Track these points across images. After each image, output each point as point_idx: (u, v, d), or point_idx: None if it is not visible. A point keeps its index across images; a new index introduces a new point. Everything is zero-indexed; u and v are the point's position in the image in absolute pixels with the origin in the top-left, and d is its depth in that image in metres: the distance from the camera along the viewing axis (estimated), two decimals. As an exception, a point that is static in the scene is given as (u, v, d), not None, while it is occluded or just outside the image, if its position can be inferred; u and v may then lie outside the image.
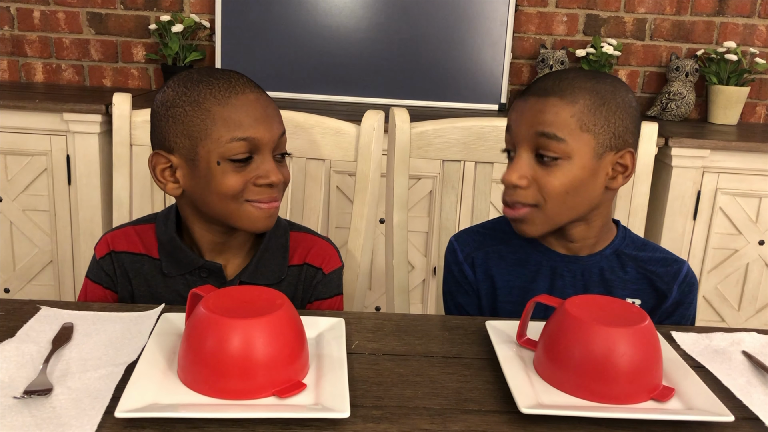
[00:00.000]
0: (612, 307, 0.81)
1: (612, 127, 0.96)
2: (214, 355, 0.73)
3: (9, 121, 2.05)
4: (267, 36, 2.40)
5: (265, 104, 0.96)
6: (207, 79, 0.94)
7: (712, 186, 2.13)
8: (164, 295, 1.04)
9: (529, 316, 0.87)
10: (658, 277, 1.06)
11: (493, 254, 1.10)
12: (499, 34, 2.41)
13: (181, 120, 0.94)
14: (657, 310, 1.07)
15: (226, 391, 0.73)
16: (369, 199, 1.27)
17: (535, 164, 0.97)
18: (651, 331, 0.78)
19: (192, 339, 0.75)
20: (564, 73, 0.99)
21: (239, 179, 0.94)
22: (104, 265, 1.05)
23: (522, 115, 0.98)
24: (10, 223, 2.15)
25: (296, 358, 0.77)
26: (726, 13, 2.49)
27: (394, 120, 1.28)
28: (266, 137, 0.94)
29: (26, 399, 0.71)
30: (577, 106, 0.95)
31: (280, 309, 0.76)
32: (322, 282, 1.08)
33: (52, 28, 2.48)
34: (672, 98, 2.41)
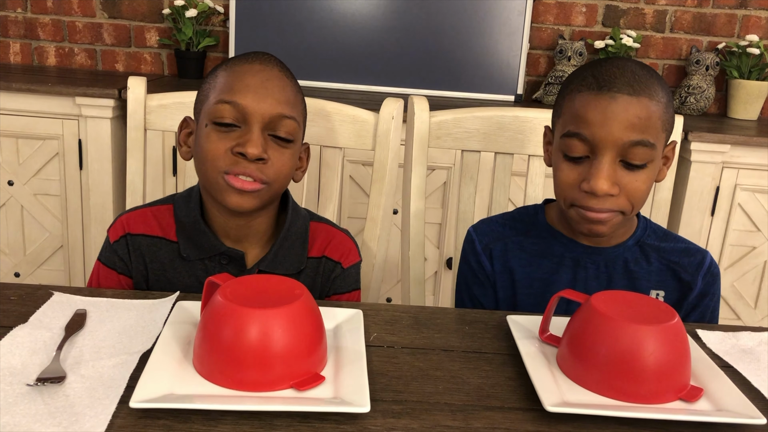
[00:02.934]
0: (639, 303, 0.78)
1: (672, 120, 0.94)
2: (231, 346, 0.71)
3: (21, 104, 2.03)
4: (281, 22, 2.37)
5: (268, 78, 0.94)
6: (235, 57, 0.98)
7: (732, 182, 2.10)
8: (181, 279, 1.01)
9: (552, 311, 0.85)
10: (682, 269, 1.03)
11: (513, 246, 1.07)
12: (517, 24, 2.38)
13: (202, 90, 0.99)
14: (683, 302, 1.04)
15: (243, 383, 0.72)
16: (386, 189, 1.25)
17: (620, 169, 0.91)
18: (680, 329, 0.75)
19: (209, 328, 0.73)
20: (629, 66, 0.91)
21: (220, 145, 0.92)
22: (118, 249, 1.02)
23: (612, 118, 0.88)
24: (21, 207, 2.14)
25: (315, 350, 0.75)
26: (749, 6, 2.44)
27: (413, 108, 1.26)
28: (253, 107, 0.91)
29: (39, 386, 0.69)
30: (662, 106, 0.90)
31: (299, 299, 0.75)
32: (341, 276, 1.06)
33: (65, 12, 2.46)
34: (691, 92, 2.37)
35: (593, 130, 0.89)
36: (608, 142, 0.89)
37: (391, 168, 1.24)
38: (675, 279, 1.04)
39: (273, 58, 0.98)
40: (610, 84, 0.89)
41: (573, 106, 0.92)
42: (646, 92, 0.88)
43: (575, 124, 0.91)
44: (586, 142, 0.91)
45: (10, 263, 2.18)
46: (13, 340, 0.78)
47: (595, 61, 0.96)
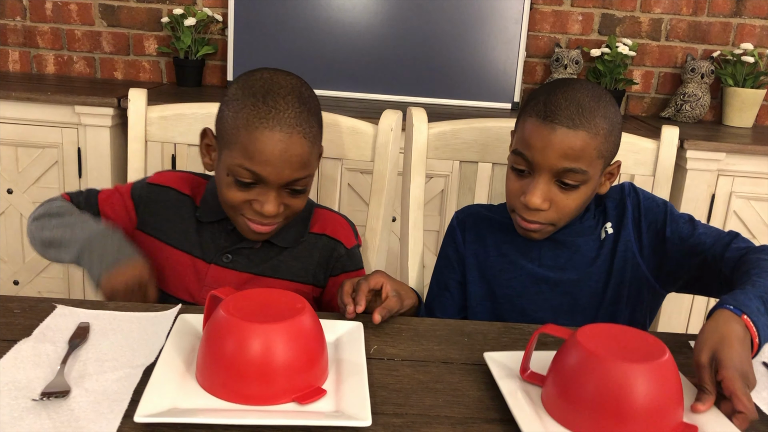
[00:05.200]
0: (627, 338, 0.75)
1: (614, 147, 1.04)
2: (233, 360, 0.72)
3: (21, 113, 2.04)
4: (280, 31, 2.38)
5: (287, 147, 0.96)
6: (257, 97, 0.97)
7: (727, 189, 2.11)
8: (189, 237, 1.10)
9: (532, 349, 0.80)
10: (611, 198, 1.12)
11: (484, 218, 1.17)
12: (514, 33, 2.39)
13: (224, 120, 1.01)
14: (636, 229, 1.09)
15: (245, 396, 0.72)
16: (385, 200, 1.26)
17: (554, 187, 1.01)
18: (671, 365, 0.71)
19: (211, 343, 0.74)
20: (577, 97, 0.99)
21: (239, 196, 1.00)
22: (145, 189, 1.13)
23: (550, 147, 0.98)
24: (20, 215, 2.14)
25: (316, 364, 0.76)
26: (743, 15, 2.46)
27: (411, 120, 1.27)
28: (271, 178, 0.98)
29: (44, 401, 0.70)
30: (599, 138, 1.00)
31: (301, 314, 0.75)
32: (346, 255, 1.14)
33: (64, 20, 2.47)
34: (687, 100, 2.39)
35: (533, 153, 1.00)
36: (544, 166, 1.00)
37: (390, 179, 1.25)
38: (612, 207, 1.12)
39: (294, 113, 0.97)
40: (554, 115, 0.99)
41: (523, 128, 1.03)
42: (585, 126, 0.98)
43: (522, 144, 1.02)
44: (527, 162, 1.01)
45: (9, 271, 2.19)
46: (18, 354, 0.79)
47: (552, 86, 1.04)
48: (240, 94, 0.98)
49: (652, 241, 1.09)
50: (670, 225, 1.07)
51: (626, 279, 1.10)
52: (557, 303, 1.11)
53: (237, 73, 2.41)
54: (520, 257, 1.12)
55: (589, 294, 1.10)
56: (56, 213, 1.08)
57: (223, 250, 1.09)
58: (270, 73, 1.00)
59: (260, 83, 0.99)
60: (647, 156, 1.28)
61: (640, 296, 1.11)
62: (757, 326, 0.80)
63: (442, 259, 1.20)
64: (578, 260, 1.10)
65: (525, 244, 1.12)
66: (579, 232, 1.11)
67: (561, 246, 1.11)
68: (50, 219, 1.08)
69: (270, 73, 1.00)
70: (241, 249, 1.09)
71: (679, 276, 1.08)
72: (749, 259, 0.94)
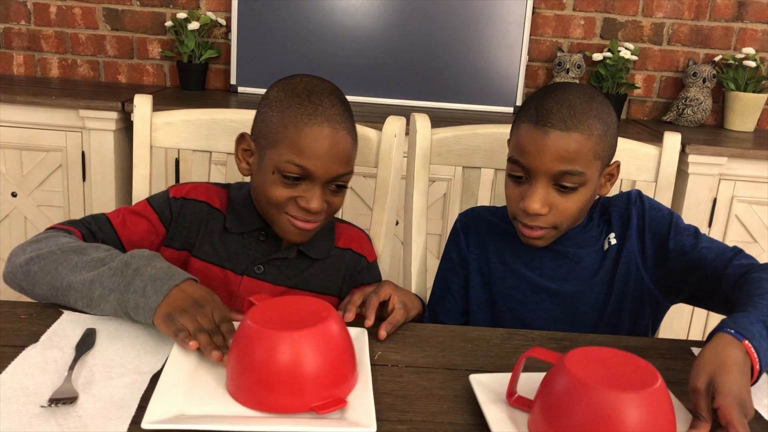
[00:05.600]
0: (618, 363, 0.71)
1: (611, 147, 1.03)
2: (254, 367, 0.73)
3: (25, 116, 2.05)
4: (283, 35, 2.39)
5: (335, 142, 1.00)
6: (303, 97, 1.01)
7: (729, 194, 2.12)
8: (220, 249, 1.09)
9: (519, 373, 0.77)
10: (616, 207, 1.11)
11: (488, 224, 1.18)
12: (516, 37, 2.40)
13: (267, 121, 1.03)
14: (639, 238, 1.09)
15: (265, 404, 0.73)
16: (389, 206, 1.27)
17: (553, 191, 1.01)
18: (663, 393, 0.68)
19: (237, 350, 0.76)
20: (569, 99, 0.99)
21: (285, 193, 1.01)
22: (173, 204, 1.09)
23: (544, 151, 0.98)
24: (24, 219, 2.15)
25: (339, 372, 0.76)
26: (745, 19, 2.47)
27: (415, 125, 1.28)
28: (319, 172, 1.00)
29: (52, 407, 0.71)
30: (593, 138, 0.99)
31: (325, 321, 0.76)
32: (367, 269, 1.16)
33: (68, 24, 2.48)
34: (688, 104, 2.40)
35: (529, 159, 1.00)
36: (540, 171, 0.99)
37: (393, 185, 1.26)
38: (617, 217, 1.11)
39: (338, 111, 1.01)
40: (546, 119, 0.98)
41: (518, 135, 1.03)
42: (578, 127, 0.98)
43: (517, 151, 1.02)
44: (524, 168, 1.01)
45: (13, 274, 2.19)
46: (26, 360, 0.80)
47: (543, 91, 1.04)
48: (283, 96, 1.02)
49: (655, 252, 1.08)
50: (674, 237, 1.06)
51: (629, 291, 1.09)
52: (557, 313, 1.11)
53: (240, 76, 2.42)
54: (522, 266, 1.12)
55: (590, 306, 1.10)
56: (77, 248, 0.93)
57: (254, 261, 1.08)
58: (308, 77, 1.05)
59: (302, 85, 1.03)
60: (649, 162, 1.29)
61: (643, 307, 1.11)
62: (759, 352, 0.78)
63: (446, 262, 1.21)
64: (580, 272, 1.10)
65: (527, 253, 1.12)
66: (581, 243, 1.10)
67: (563, 257, 1.10)
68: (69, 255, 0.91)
69: (308, 77, 1.05)
70: (273, 260, 1.09)
71: (680, 289, 1.07)
72: (752, 278, 0.91)
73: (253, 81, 2.42)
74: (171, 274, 0.88)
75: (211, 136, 1.27)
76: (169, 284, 0.86)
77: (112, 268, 0.88)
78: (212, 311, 0.85)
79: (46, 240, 0.95)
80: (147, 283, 0.86)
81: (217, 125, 1.27)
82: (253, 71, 2.42)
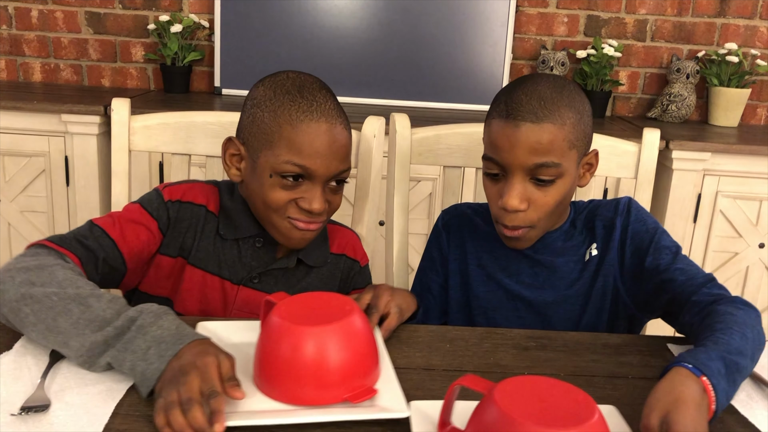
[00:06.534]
0: (553, 395, 0.65)
1: (585, 136, 1.01)
2: (286, 362, 0.75)
3: (7, 122, 2.04)
4: (266, 36, 2.39)
5: (334, 138, 0.97)
6: (294, 94, 0.97)
7: (713, 189, 2.13)
8: (216, 255, 1.04)
9: (452, 402, 0.72)
10: (602, 217, 1.09)
11: (469, 222, 1.16)
12: (500, 35, 2.40)
13: (257, 122, 0.98)
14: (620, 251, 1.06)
15: (298, 398, 0.75)
16: (369, 206, 1.27)
17: (530, 185, 0.99)
18: (601, 427, 0.63)
19: (266, 346, 0.77)
20: (538, 90, 0.97)
21: (284, 195, 0.97)
22: (171, 208, 1.02)
23: (517, 145, 0.96)
24: (8, 225, 2.14)
25: (367, 363, 0.78)
26: (727, 15, 2.48)
27: (394, 126, 1.27)
28: (320, 171, 0.96)
29: (23, 416, 0.70)
30: (566, 128, 0.97)
31: (350, 316, 0.78)
32: (359, 273, 1.15)
33: (50, 28, 2.46)
34: (673, 100, 2.41)
35: (502, 155, 0.98)
36: (515, 166, 0.97)
37: (373, 185, 1.26)
38: (600, 227, 1.08)
39: (332, 105, 0.98)
40: (516, 113, 0.96)
41: (489, 132, 1.01)
42: (549, 118, 0.95)
43: (490, 148, 1.01)
44: (498, 165, 0.99)
45: (-3, 280, 2.18)
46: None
47: (512, 85, 1.02)
48: (272, 94, 0.98)
49: (633, 268, 1.05)
50: (652, 254, 1.02)
51: (606, 305, 1.07)
52: (530, 322, 1.09)
53: (224, 78, 2.41)
54: (498, 271, 1.11)
55: (564, 317, 1.08)
56: (76, 297, 0.80)
57: (251, 270, 1.04)
58: (294, 73, 1.01)
59: (290, 82, 0.99)
60: (629, 159, 1.29)
61: (618, 321, 1.08)
62: (716, 390, 0.73)
63: (426, 260, 1.19)
64: (556, 281, 1.08)
65: (505, 258, 1.10)
66: (560, 252, 1.08)
67: (540, 265, 1.08)
68: (69, 305, 0.79)
69: (294, 73, 1.01)
70: (270, 271, 1.05)
71: (654, 307, 1.04)
72: (717, 311, 0.87)
73: (237, 83, 2.42)
74: (178, 335, 0.76)
75: (189, 138, 1.26)
76: (174, 349, 0.74)
77: (117, 327, 0.77)
78: (200, 383, 0.70)
79: (39, 271, 0.82)
80: (150, 345, 0.75)
81: (196, 128, 1.26)
82: (237, 73, 2.41)
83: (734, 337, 0.80)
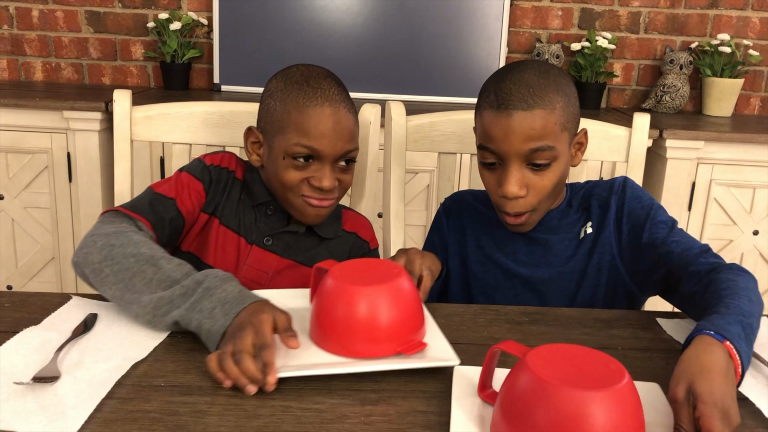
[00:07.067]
0: (584, 361, 0.67)
1: (575, 117, 1.04)
2: (345, 319, 0.82)
3: (10, 119, 2.07)
4: (264, 32, 2.42)
5: (338, 120, 1.06)
6: (301, 83, 1.07)
7: (707, 177, 2.16)
8: (235, 216, 1.14)
9: (493, 366, 0.74)
10: (597, 196, 1.12)
11: (469, 206, 1.20)
12: (495, 29, 2.43)
13: (271, 111, 1.09)
14: (616, 228, 1.09)
15: (355, 351, 0.82)
16: (367, 192, 1.30)
17: (527, 171, 1.02)
18: (629, 391, 0.64)
19: (324, 306, 0.84)
20: (525, 78, 1.00)
21: (297, 175, 1.07)
22: (212, 171, 1.13)
23: (511, 133, 0.99)
24: (12, 221, 2.17)
25: (415, 319, 0.85)
26: (719, 6, 2.50)
27: (390, 113, 1.30)
28: (327, 150, 1.06)
29: (32, 385, 0.73)
30: (557, 111, 1.00)
31: (400, 276, 0.85)
32: (369, 255, 1.22)
33: (51, 27, 2.50)
34: (667, 90, 2.43)
35: (497, 144, 1.01)
36: (511, 153, 1.00)
37: (370, 172, 1.29)
38: (596, 206, 1.12)
39: (336, 91, 1.08)
40: (507, 102, 0.99)
41: (482, 122, 1.04)
42: (540, 104, 0.99)
43: (484, 138, 1.03)
44: (494, 154, 1.02)
45: (2, 276, 2.21)
46: (21, 340, 0.82)
47: (500, 74, 1.04)
48: (282, 85, 1.09)
49: (630, 244, 1.08)
50: (648, 230, 1.05)
51: (602, 281, 1.10)
52: (527, 299, 1.12)
53: (223, 75, 2.44)
54: (496, 251, 1.14)
55: (561, 293, 1.11)
56: (150, 259, 0.90)
57: (263, 234, 1.13)
58: (304, 66, 1.11)
59: (299, 73, 1.09)
60: (620, 143, 1.32)
61: (617, 299, 1.11)
62: (740, 353, 0.73)
63: (428, 244, 1.24)
64: (551, 258, 1.11)
65: (502, 238, 1.14)
66: (555, 230, 1.11)
67: (535, 243, 1.11)
68: (144, 267, 0.89)
69: (304, 65, 1.12)
70: (282, 234, 1.14)
71: (653, 282, 1.06)
72: (719, 279, 0.89)
73: (235, 79, 2.45)
74: (241, 297, 0.84)
75: (190, 128, 1.29)
76: (238, 308, 0.82)
77: (184, 287, 0.86)
78: (253, 337, 0.77)
79: (117, 235, 0.93)
80: (216, 305, 0.83)
81: (196, 118, 1.29)
82: (235, 69, 2.44)
83: (743, 302, 0.83)
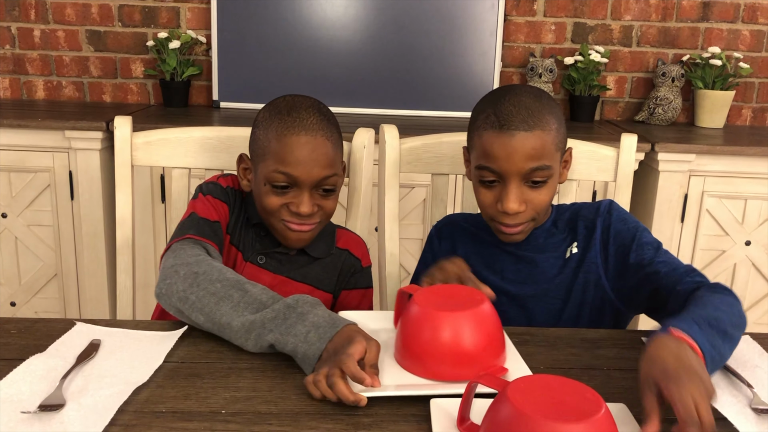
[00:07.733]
0: (563, 392, 0.69)
1: (564, 138, 1.11)
2: (430, 343, 0.86)
3: (12, 139, 2.10)
4: (262, 50, 2.46)
5: (314, 148, 1.10)
6: (283, 114, 1.12)
7: (699, 189, 2.19)
8: (238, 233, 1.19)
9: (471, 398, 0.76)
10: (583, 218, 1.17)
11: (460, 228, 1.24)
12: (489, 44, 2.47)
13: (256, 139, 1.15)
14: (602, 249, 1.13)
15: (438, 374, 0.86)
16: (362, 213, 1.33)
17: (525, 188, 1.07)
18: (607, 421, 0.66)
19: (409, 330, 0.88)
20: (523, 101, 1.06)
21: (277, 201, 1.12)
22: (229, 192, 1.20)
23: (514, 153, 1.04)
24: (15, 239, 2.20)
25: (497, 345, 0.89)
26: (710, 19, 2.54)
27: (383, 137, 1.34)
28: (303, 177, 1.10)
29: (38, 414, 0.75)
30: (552, 132, 1.06)
31: (483, 303, 0.89)
32: (361, 273, 1.27)
33: (52, 46, 2.53)
34: (659, 103, 2.47)
35: (499, 163, 1.06)
36: (512, 172, 1.06)
37: (365, 194, 1.32)
38: (582, 227, 1.16)
39: (315, 120, 1.11)
40: (509, 123, 1.05)
41: (481, 143, 1.08)
42: (539, 125, 1.05)
43: (485, 158, 1.08)
44: (495, 173, 1.07)
45: (5, 293, 2.25)
46: (27, 368, 0.85)
47: (495, 96, 1.09)
48: (267, 115, 1.14)
49: (617, 265, 1.12)
50: (635, 251, 1.09)
51: (588, 299, 1.13)
52: (514, 315, 1.15)
53: (222, 92, 2.48)
54: (484, 268, 1.18)
55: (546, 311, 1.15)
56: (236, 284, 0.95)
57: (258, 252, 1.19)
58: (291, 96, 1.16)
59: (284, 104, 1.14)
60: (608, 163, 1.35)
61: (603, 317, 1.14)
62: (690, 333, 0.80)
63: (421, 265, 1.27)
64: (537, 276, 1.15)
65: (490, 257, 1.18)
66: (541, 249, 1.16)
67: (522, 261, 1.16)
68: (230, 291, 0.94)
69: (291, 96, 1.16)
70: (274, 253, 1.19)
71: (639, 302, 1.10)
72: (695, 295, 0.94)
73: (234, 96, 2.49)
74: (333, 321, 0.88)
75: (189, 153, 1.33)
76: (331, 332, 0.86)
77: (275, 310, 0.90)
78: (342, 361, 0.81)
79: (199, 263, 0.98)
80: (310, 330, 0.87)
81: (195, 143, 1.32)
82: (234, 86, 2.48)
83: (706, 309, 0.88)
